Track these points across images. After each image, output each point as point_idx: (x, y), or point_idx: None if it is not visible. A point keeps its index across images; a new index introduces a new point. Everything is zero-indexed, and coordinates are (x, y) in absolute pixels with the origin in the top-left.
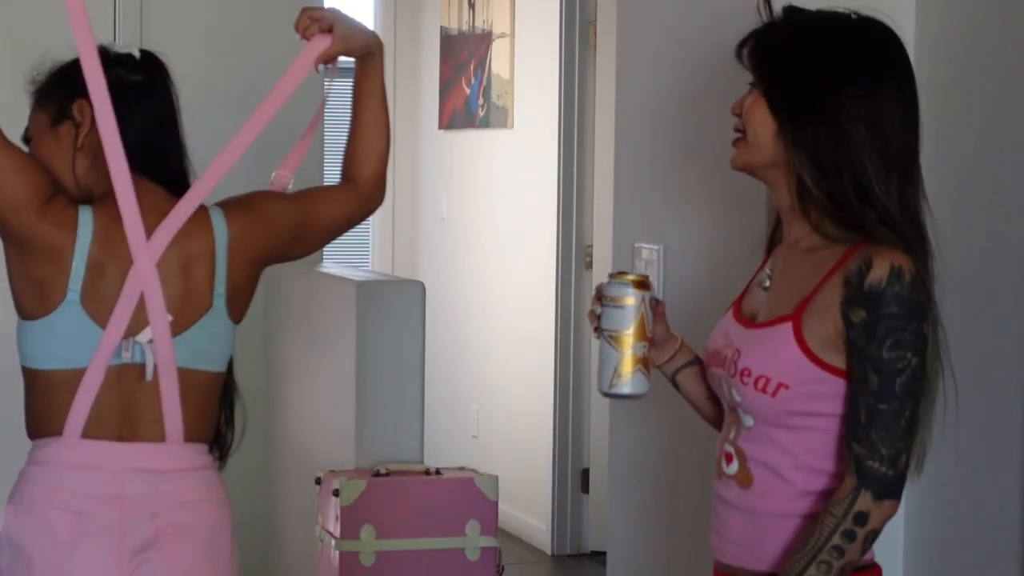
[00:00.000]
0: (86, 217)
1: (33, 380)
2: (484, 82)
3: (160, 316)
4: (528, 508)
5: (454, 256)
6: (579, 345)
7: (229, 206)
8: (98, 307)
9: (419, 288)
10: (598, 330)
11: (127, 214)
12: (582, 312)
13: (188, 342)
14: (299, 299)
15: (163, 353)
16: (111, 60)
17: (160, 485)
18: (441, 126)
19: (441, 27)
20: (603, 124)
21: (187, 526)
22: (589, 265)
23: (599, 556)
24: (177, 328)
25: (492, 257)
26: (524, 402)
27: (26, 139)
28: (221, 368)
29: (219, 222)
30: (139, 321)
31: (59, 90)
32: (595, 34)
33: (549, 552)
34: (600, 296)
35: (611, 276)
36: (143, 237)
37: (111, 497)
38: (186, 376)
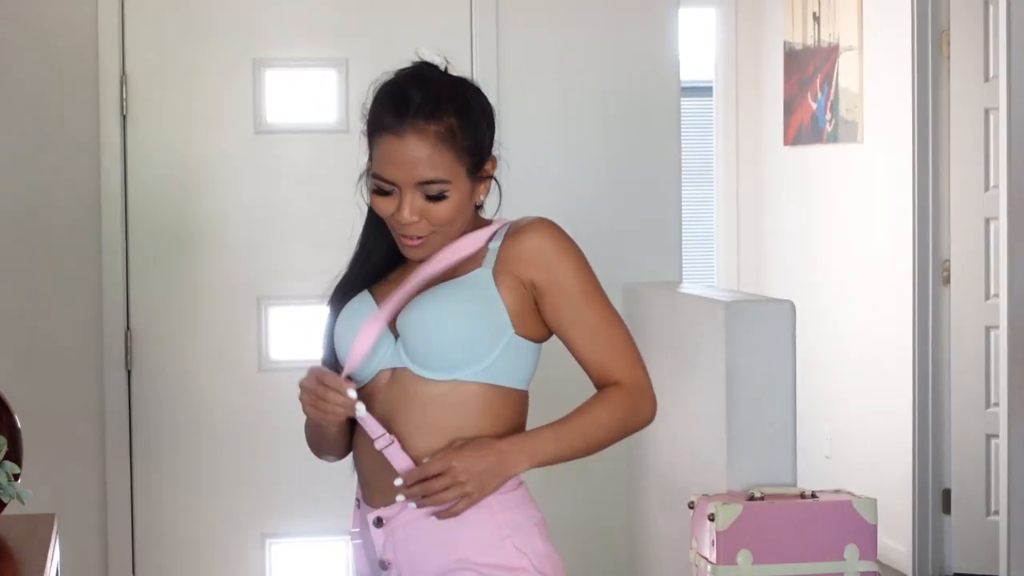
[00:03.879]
0: None
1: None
2: (832, 96)
3: None
4: (887, 530)
5: (800, 273)
6: (938, 362)
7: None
8: None
9: (789, 307)
10: None
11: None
12: (941, 328)
13: None
14: (662, 321)
15: None
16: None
17: None
18: (786, 142)
19: (785, 42)
20: (958, 136)
21: None
22: (947, 280)
23: None
24: None
25: (841, 273)
26: (880, 421)
27: (429, 182)
28: None
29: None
30: None
31: (480, 140)
32: (948, 44)
33: (910, 575)
34: None
35: None
36: None
37: None
38: None
